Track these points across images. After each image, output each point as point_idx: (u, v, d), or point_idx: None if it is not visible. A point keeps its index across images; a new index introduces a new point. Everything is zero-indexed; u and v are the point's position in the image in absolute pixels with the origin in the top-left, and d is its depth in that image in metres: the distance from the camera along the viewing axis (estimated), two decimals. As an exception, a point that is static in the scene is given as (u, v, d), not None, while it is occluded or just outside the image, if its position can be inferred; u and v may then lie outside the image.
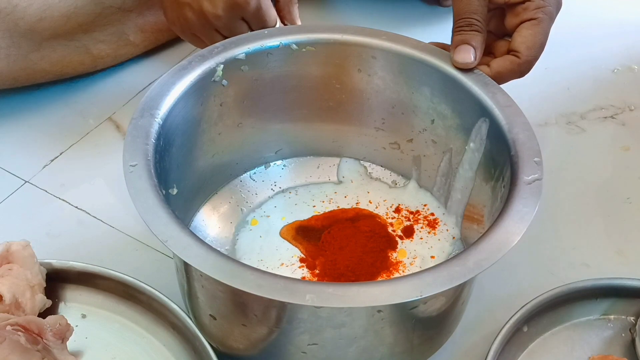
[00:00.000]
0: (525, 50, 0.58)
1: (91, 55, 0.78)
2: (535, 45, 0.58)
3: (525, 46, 0.58)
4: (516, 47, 0.58)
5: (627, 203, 0.72)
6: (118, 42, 0.79)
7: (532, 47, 0.58)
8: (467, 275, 0.46)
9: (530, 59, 0.58)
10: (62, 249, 0.64)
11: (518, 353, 0.57)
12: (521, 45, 0.58)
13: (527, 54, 0.58)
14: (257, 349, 0.53)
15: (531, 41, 0.58)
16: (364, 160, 0.69)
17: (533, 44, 0.58)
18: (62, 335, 0.53)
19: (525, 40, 0.58)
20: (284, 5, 0.71)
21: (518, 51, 0.58)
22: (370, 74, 0.63)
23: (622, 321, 0.60)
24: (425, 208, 0.65)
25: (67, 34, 0.75)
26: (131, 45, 0.81)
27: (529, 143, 0.53)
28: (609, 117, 0.82)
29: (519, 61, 0.58)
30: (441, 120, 0.61)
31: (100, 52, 0.78)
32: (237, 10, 0.67)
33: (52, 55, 0.75)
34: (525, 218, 0.48)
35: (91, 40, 0.77)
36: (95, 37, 0.77)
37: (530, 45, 0.58)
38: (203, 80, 0.58)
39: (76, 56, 0.77)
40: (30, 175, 0.71)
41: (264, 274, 0.45)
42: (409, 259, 0.61)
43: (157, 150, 0.53)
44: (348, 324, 0.49)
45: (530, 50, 0.58)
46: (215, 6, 0.67)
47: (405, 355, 0.54)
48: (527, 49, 0.58)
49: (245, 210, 0.65)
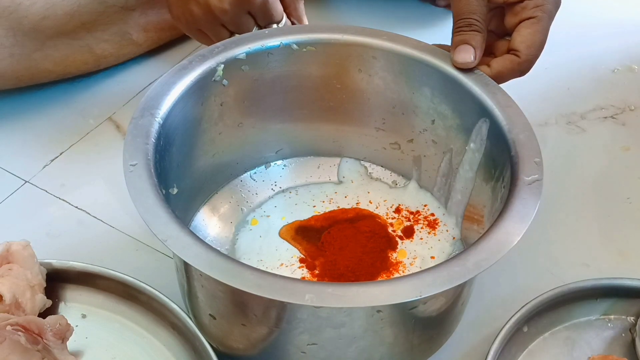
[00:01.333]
0: (525, 49, 0.58)
1: (94, 54, 0.78)
2: (535, 44, 0.58)
3: (524, 45, 0.58)
4: (516, 46, 0.58)
5: (627, 203, 0.72)
6: (121, 42, 0.79)
7: (531, 45, 0.58)
8: (466, 275, 0.46)
9: (530, 58, 0.58)
10: (62, 249, 0.64)
11: (518, 353, 0.57)
12: (521, 45, 0.58)
13: (527, 52, 0.58)
14: (256, 349, 0.53)
15: (531, 40, 0.58)
16: (364, 160, 0.69)
17: (533, 43, 0.58)
18: (62, 335, 0.53)
19: (525, 39, 0.58)
20: (290, 2, 0.71)
21: (518, 50, 0.58)
22: (370, 74, 0.63)
23: (622, 321, 0.60)
24: (425, 208, 0.65)
25: (71, 33, 0.74)
26: (134, 45, 0.81)
27: (529, 143, 0.53)
28: (609, 117, 0.82)
29: (519, 60, 0.58)
30: (441, 120, 0.61)
31: (104, 52, 0.78)
32: (244, 4, 0.67)
33: (56, 54, 0.75)
34: (525, 219, 0.48)
35: (94, 40, 0.77)
36: (98, 36, 0.77)
37: (530, 44, 0.58)
38: (203, 80, 0.58)
39: (79, 55, 0.77)
40: (30, 175, 0.71)
41: (264, 274, 0.45)
42: (409, 260, 0.61)
43: (157, 150, 0.53)
44: (348, 324, 0.49)
45: (530, 49, 0.58)
46: (221, 1, 0.67)
47: (405, 355, 0.54)
48: (527, 47, 0.58)
49: (245, 210, 0.65)
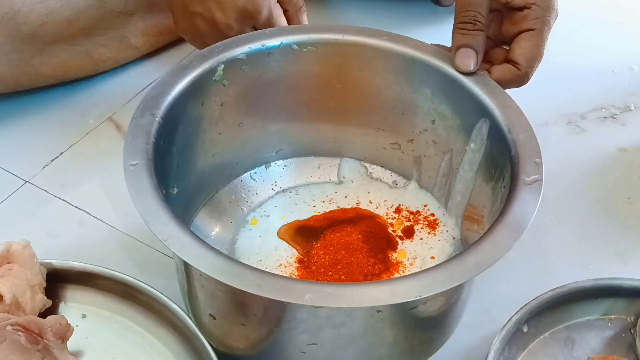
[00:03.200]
0: (524, 62, 0.58)
1: (93, 59, 0.78)
2: (535, 58, 0.58)
3: (524, 58, 0.58)
4: (515, 58, 0.59)
5: (627, 203, 0.72)
6: (119, 46, 0.79)
7: (531, 59, 0.58)
8: (466, 275, 0.46)
9: (529, 71, 0.59)
10: (62, 249, 0.64)
11: (518, 353, 0.57)
12: (521, 57, 0.58)
13: (526, 65, 0.58)
14: (256, 349, 0.53)
15: (530, 53, 0.58)
16: (364, 160, 0.69)
17: (532, 56, 0.58)
18: (63, 335, 0.53)
19: (525, 52, 0.58)
20: (293, 15, 0.71)
21: (518, 63, 0.58)
22: (371, 74, 0.63)
23: (622, 321, 0.60)
24: (425, 208, 0.65)
25: (69, 39, 0.74)
26: (132, 49, 0.81)
27: (529, 144, 0.53)
28: (609, 117, 0.82)
29: (519, 73, 0.58)
30: (442, 120, 0.61)
31: (102, 56, 0.78)
32: (249, 19, 0.68)
33: (54, 59, 0.75)
34: (525, 219, 0.48)
35: (93, 45, 0.77)
36: (97, 41, 0.77)
37: (530, 57, 0.58)
38: (204, 80, 0.58)
39: (78, 60, 0.77)
40: (30, 175, 0.71)
41: (263, 274, 0.45)
42: (409, 260, 0.61)
43: (157, 150, 0.53)
44: (347, 324, 0.49)
45: (529, 62, 0.58)
46: (227, 16, 0.67)
47: (405, 355, 0.54)
48: (527, 60, 0.58)
49: (245, 210, 0.65)
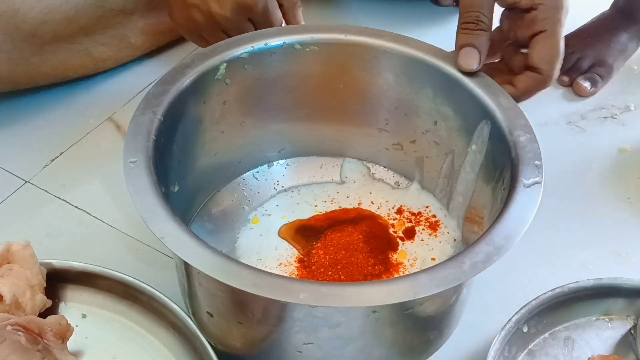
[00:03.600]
0: (544, 66, 0.57)
1: (92, 58, 0.78)
2: (553, 59, 0.57)
3: (544, 62, 0.57)
4: (535, 63, 0.57)
5: (627, 203, 0.72)
6: (119, 45, 0.79)
7: (550, 61, 0.57)
8: (462, 277, 0.45)
9: (552, 73, 0.58)
10: (62, 249, 0.64)
11: (518, 353, 0.57)
12: (540, 62, 0.57)
13: (547, 69, 0.57)
14: (253, 347, 0.53)
15: (547, 55, 0.57)
16: (367, 160, 0.69)
17: (550, 59, 0.57)
18: (63, 335, 0.53)
19: (542, 56, 0.57)
20: (289, 10, 0.72)
21: (538, 68, 0.57)
22: (373, 75, 0.63)
23: (622, 321, 0.60)
24: (427, 210, 0.65)
25: (69, 37, 0.74)
26: (132, 48, 0.81)
27: (529, 146, 0.53)
28: (609, 117, 0.82)
29: (542, 77, 0.57)
30: (444, 121, 0.61)
31: (102, 55, 0.78)
32: (245, 11, 0.68)
33: (54, 58, 0.75)
34: (523, 222, 0.48)
35: (93, 43, 0.77)
36: (97, 40, 0.77)
37: (548, 60, 0.57)
38: (206, 78, 0.58)
39: (78, 59, 0.77)
40: (30, 175, 0.71)
41: (260, 273, 0.45)
42: (409, 261, 0.61)
43: (158, 148, 0.53)
44: (344, 324, 0.49)
45: (549, 65, 0.57)
46: (223, 7, 0.67)
47: (403, 355, 0.54)
48: (546, 64, 0.57)
49: (247, 209, 0.65)
